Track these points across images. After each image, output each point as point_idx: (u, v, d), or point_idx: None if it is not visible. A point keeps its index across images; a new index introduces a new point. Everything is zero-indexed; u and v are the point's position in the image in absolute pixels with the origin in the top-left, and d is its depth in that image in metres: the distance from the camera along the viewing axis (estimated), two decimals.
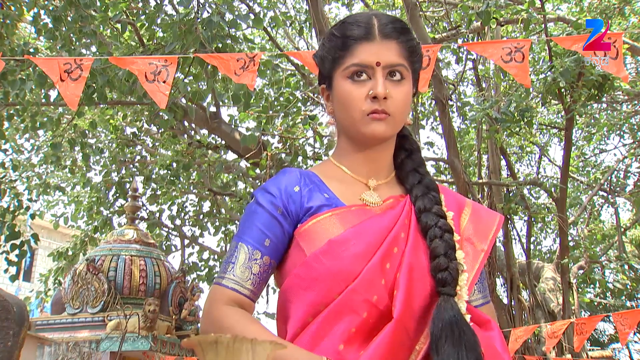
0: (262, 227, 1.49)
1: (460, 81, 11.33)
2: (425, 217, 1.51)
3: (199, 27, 6.54)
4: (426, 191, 1.56)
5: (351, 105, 1.52)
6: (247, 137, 7.54)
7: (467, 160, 11.95)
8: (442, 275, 1.43)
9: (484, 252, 1.58)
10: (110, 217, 10.49)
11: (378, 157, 1.61)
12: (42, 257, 20.85)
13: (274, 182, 1.56)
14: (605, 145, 14.14)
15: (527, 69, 4.06)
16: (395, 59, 1.53)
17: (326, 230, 1.46)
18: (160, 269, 7.78)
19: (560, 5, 11.86)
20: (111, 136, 10.73)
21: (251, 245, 1.48)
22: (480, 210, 1.68)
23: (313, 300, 1.42)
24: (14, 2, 7.05)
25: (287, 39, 12.87)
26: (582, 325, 7.05)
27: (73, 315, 7.21)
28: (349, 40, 1.53)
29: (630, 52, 8.62)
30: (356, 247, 1.42)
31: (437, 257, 1.45)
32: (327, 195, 1.54)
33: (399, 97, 1.52)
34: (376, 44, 1.52)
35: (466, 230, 1.59)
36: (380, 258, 1.42)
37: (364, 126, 1.52)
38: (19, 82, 6.54)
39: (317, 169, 1.64)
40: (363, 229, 1.46)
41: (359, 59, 1.52)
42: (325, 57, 1.60)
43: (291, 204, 1.51)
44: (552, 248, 15.59)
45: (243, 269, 1.46)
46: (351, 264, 1.40)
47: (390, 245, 1.45)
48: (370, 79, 1.52)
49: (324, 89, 1.65)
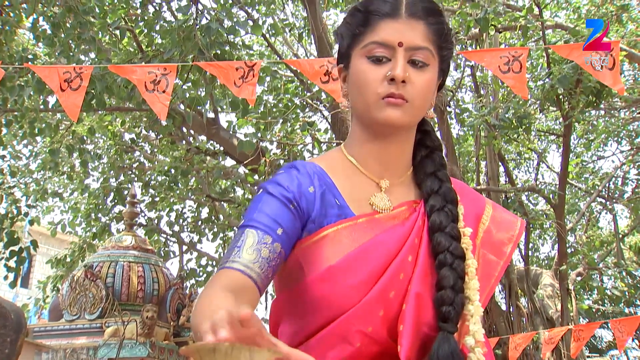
0: (273, 215, 1.33)
1: (458, 88, 11.35)
2: (438, 238, 1.36)
3: (197, 33, 6.55)
4: (444, 204, 1.41)
5: (366, 87, 1.37)
6: (245, 143, 7.55)
7: (466, 166, 11.97)
8: (446, 310, 1.32)
9: (504, 260, 1.48)
10: (109, 224, 10.48)
11: (393, 150, 1.44)
12: (40, 263, 20.82)
13: (287, 177, 1.40)
14: (603, 152, 14.12)
15: (524, 79, 4.07)
16: (419, 42, 1.37)
17: (329, 250, 1.33)
18: (158, 275, 7.76)
19: (558, 13, 11.90)
20: (109, 142, 10.72)
21: (261, 229, 1.30)
22: (500, 213, 1.55)
23: (306, 323, 1.33)
24: (13, 9, 7.06)
25: (285, 45, 12.90)
26: (580, 331, 7.06)
27: (71, 322, 7.18)
28: (372, 15, 1.38)
29: (627, 59, 8.65)
30: (357, 276, 1.31)
31: (443, 288, 1.33)
32: (338, 202, 1.40)
33: (419, 83, 1.36)
34: (401, 23, 1.36)
35: (485, 237, 1.48)
36: (383, 286, 1.31)
37: (377, 111, 1.36)
38: (17, 88, 6.54)
39: (326, 161, 1.48)
40: (368, 251, 1.33)
41: (380, 37, 1.36)
42: (345, 34, 1.44)
43: (304, 202, 1.37)
44: (550, 254, 15.60)
45: (251, 251, 1.27)
46: (349, 293, 1.29)
47: (396, 271, 1.33)
48: (390, 61, 1.36)
49: (340, 69, 1.49)
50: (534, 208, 12.41)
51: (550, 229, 13.52)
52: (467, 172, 11.67)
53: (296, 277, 1.35)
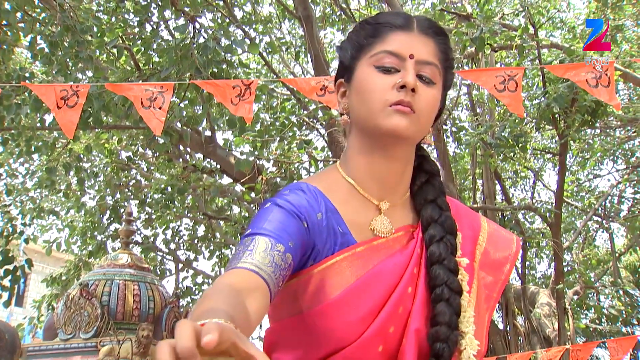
0: (284, 227, 1.26)
1: (455, 106, 11.39)
2: (437, 270, 1.34)
3: (194, 52, 6.58)
4: (443, 234, 1.38)
5: (373, 94, 1.32)
6: (242, 162, 7.55)
7: (462, 184, 11.98)
8: (440, 347, 1.29)
9: (502, 280, 1.47)
10: (105, 242, 10.45)
11: (393, 168, 1.40)
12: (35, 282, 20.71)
13: (296, 198, 1.34)
14: (599, 171, 14.15)
15: (520, 98, 4.08)
16: (429, 57, 1.35)
17: (328, 282, 1.29)
18: (154, 294, 7.72)
19: (553, 32, 11.98)
20: (106, 160, 10.72)
21: (273, 237, 1.22)
22: (496, 233, 1.53)
23: (303, 355, 1.30)
24: (11, 28, 7.09)
25: (282, 63, 12.95)
26: (578, 351, 7.03)
27: (65, 341, 7.13)
28: (383, 27, 1.37)
29: (622, 78, 8.70)
30: (357, 312, 1.27)
31: (438, 324, 1.30)
32: (341, 229, 1.35)
33: (427, 97, 1.34)
34: (413, 36, 1.35)
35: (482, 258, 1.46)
36: (382, 321, 1.28)
37: (384, 118, 1.31)
38: (14, 106, 6.55)
39: (324, 182, 1.42)
40: (367, 284, 1.30)
41: (392, 46, 1.34)
42: (350, 45, 1.41)
43: (312, 226, 1.32)
44: (547, 273, 15.56)
45: (264, 254, 1.18)
46: (349, 329, 1.26)
47: (396, 304, 1.30)
48: (398, 71, 1.33)
49: (340, 83, 1.45)
50: (531, 226, 12.40)
51: (546, 248, 13.50)
52: (463, 190, 11.68)
53: (292, 307, 1.32)
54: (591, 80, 4.09)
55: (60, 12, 6.66)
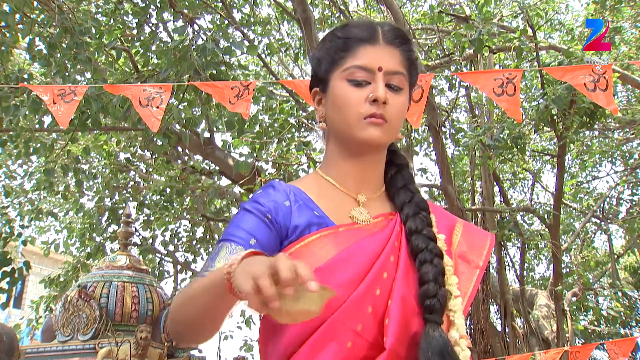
0: (247, 228, 1.42)
1: (453, 108, 11.40)
2: (416, 240, 1.46)
3: (193, 54, 6.57)
4: (417, 211, 1.52)
5: (348, 107, 1.46)
6: (241, 164, 7.54)
7: (461, 186, 11.98)
8: (430, 302, 1.39)
9: (479, 269, 1.55)
10: (103, 243, 10.44)
11: (368, 168, 1.55)
12: (33, 283, 20.70)
13: (263, 195, 1.50)
14: (597, 172, 14.16)
15: (518, 102, 4.08)
16: (396, 67, 1.49)
17: (313, 254, 1.40)
18: (152, 296, 7.70)
19: (551, 34, 11.99)
20: (104, 162, 10.71)
21: (234, 242, 1.40)
22: (471, 228, 1.66)
23: (297, 330, 1.36)
24: (9, 29, 7.08)
25: (281, 65, 12.96)
26: (577, 353, 7.02)
27: (64, 343, 7.12)
28: (351, 41, 1.49)
29: (621, 80, 8.70)
30: (343, 275, 1.37)
31: (426, 283, 1.41)
32: (316, 213, 1.48)
33: (396, 105, 1.48)
34: (379, 49, 1.48)
35: (459, 248, 1.56)
36: (368, 284, 1.37)
37: (359, 130, 1.46)
38: (12, 108, 6.54)
39: (303, 183, 1.57)
40: (351, 254, 1.40)
41: (361, 61, 1.47)
42: (323, 58, 1.54)
43: (280, 215, 1.45)
44: (545, 275, 15.57)
45: (223, 261, 1.36)
46: (337, 292, 1.30)
47: (380, 270, 1.40)
48: (369, 84, 1.47)
49: (316, 92, 1.58)
50: (529, 228, 12.40)
51: (545, 249, 13.51)
52: (462, 192, 11.68)
53: None
54: (589, 84, 4.09)
55: (59, 14, 6.66)
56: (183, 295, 1.34)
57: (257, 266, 1.07)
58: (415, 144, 11.40)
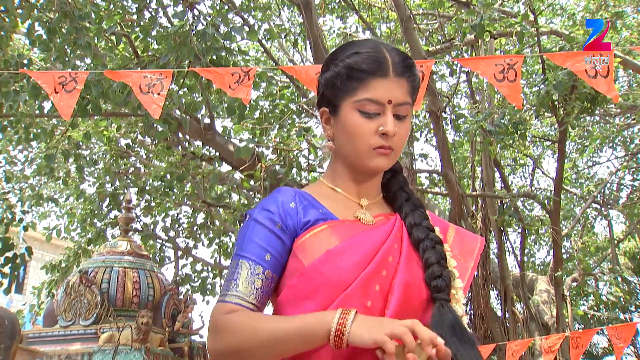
0: (261, 243, 1.52)
1: (454, 93, 11.37)
2: (417, 231, 1.58)
3: (193, 39, 6.55)
4: (414, 208, 1.65)
5: (359, 138, 1.57)
6: (241, 149, 7.54)
7: (461, 172, 11.98)
8: (437, 283, 1.50)
9: (471, 268, 1.67)
10: (104, 229, 10.45)
11: (370, 179, 1.68)
12: (34, 269, 20.77)
13: (270, 201, 1.60)
14: (598, 158, 14.15)
15: (519, 88, 4.07)
16: (404, 97, 1.58)
17: (323, 241, 1.51)
18: (153, 281, 7.73)
19: (553, 19, 11.94)
20: (105, 148, 10.71)
21: (252, 261, 1.51)
22: (463, 233, 1.77)
23: (312, 309, 1.45)
24: (9, 14, 7.05)
25: (281, 51, 12.91)
26: (578, 338, 7.05)
27: (65, 328, 7.15)
28: (362, 74, 1.56)
29: (622, 65, 8.67)
30: (353, 257, 1.48)
31: (430, 265, 1.52)
32: (321, 210, 1.59)
33: (402, 134, 1.59)
34: (389, 81, 1.56)
35: (452, 249, 1.66)
36: (376, 265, 1.48)
37: (369, 159, 1.58)
38: (12, 93, 6.53)
39: (310, 189, 1.69)
40: (358, 241, 1.51)
41: (373, 94, 1.55)
42: (334, 85, 1.61)
43: (288, 219, 1.55)
44: (545, 260, 15.60)
45: (246, 284, 1.49)
46: (348, 272, 1.45)
47: (385, 254, 1.51)
48: (379, 115, 1.56)
49: (325, 111, 1.66)
50: (530, 214, 12.41)
51: (545, 235, 13.54)
52: (462, 178, 11.68)
53: (294, 270, 1.51)
54: (590, 70, 4.07)
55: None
56: (250, 330, 1.41)
57: (393, 325, 1.30)
58: (416, 129, 11.40)
